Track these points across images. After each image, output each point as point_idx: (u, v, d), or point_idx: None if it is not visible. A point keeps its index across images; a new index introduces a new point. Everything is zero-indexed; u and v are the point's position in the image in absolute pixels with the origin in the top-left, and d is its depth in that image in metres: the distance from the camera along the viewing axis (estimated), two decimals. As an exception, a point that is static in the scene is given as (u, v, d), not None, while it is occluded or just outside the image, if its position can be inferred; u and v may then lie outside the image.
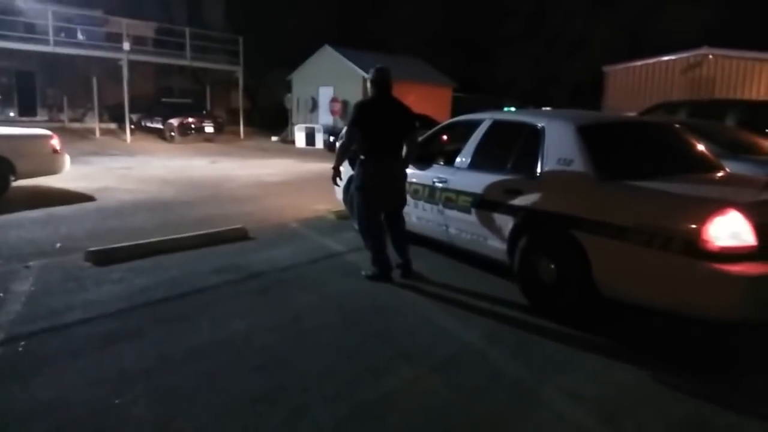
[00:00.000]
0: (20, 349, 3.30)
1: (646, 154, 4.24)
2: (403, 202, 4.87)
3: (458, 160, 5.00)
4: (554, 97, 27.57)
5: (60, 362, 3.15)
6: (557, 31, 31.60)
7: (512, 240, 4.25)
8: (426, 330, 3.76)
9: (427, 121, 17.17)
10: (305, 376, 3.09)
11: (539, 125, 4.31)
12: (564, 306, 3.86)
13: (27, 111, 22.97)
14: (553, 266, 3.92)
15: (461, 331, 3.73)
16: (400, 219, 4.85)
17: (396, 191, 4.78)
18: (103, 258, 5.06)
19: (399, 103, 4.68)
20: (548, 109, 4.85)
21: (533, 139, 4.27)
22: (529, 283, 4.13)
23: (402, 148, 4.69)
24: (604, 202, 3.66)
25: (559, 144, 4.08)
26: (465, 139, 5.07)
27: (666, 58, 17.16)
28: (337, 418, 2.69)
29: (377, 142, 4.55)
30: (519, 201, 4.18)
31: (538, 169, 4.13)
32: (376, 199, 4.69)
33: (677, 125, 4.97)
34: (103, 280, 4.57)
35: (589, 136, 4.00)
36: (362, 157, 4.60)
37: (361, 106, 4.60)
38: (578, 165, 3.88)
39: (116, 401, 2.76)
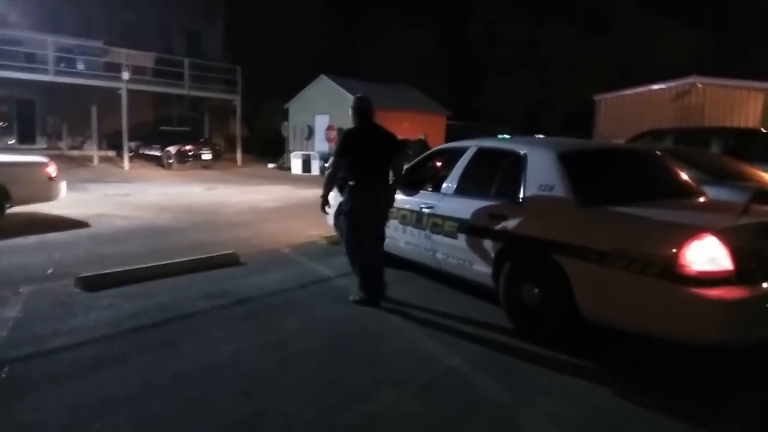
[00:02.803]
0: (4, 375, 3.31)
1: (626, 181, 4.32)
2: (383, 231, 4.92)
3: (445, 186, 5.08)
4: (546, 124, 27.89)
5: (43, 388, 3.16)
6: (549, 59, 32.10)
7: (497, 265, 4.30)
8: (411, 354, 3.78)
9: (425, 145, 17.41)
10: (288, 401, 3.10)
11: (521, 152, 4.40)
12: (548, 330, 3.90)
13: (26, 138, 23.18)
14: (536, 290, 3.97)
15: (446, 356, 3.75)
16: (381, 245, 4.90)
17: (382, 217, 4.85)
18: (93, 284, 5.08)
19: (382, 129, 4.78)
20: (541, 136, 4.98)
21: (516, 165, 4.35)
22: (514, 307, 4.16)
23: (388, 173, 4.78)
24: (584, 227, 3.73)
25: (541, 170, 4.16)
26: (451, 165, 5.16)
27: (656, 86, 17.46)
28: (316, 442, 2.70)
29: (365, 168, 4.63)
30: (503, 226, 4.24)
31: (521, 195, 4.20)
32: (365, 225, 4.75)
33: (659, 152, 5.07)
34: (92, 306, 4.59)
35: (570, 163, 4.09)
36: (351, 183, 4.68)
37: (347, 135, 4.69)
38: (559, 191, 3.96)
39: (97, 427, 2.76)
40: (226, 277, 5.62)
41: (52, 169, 8.61)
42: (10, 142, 22.36)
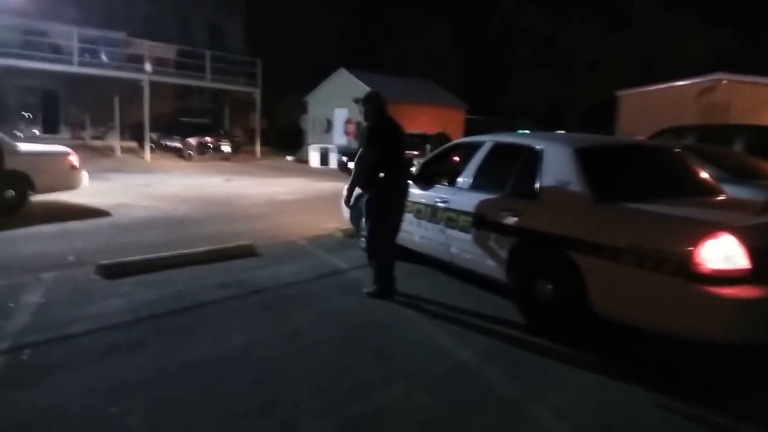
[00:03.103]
0: (24, 357, 3.40)
1: (643, 177, 4.28)
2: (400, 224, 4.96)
3: (460, 180, 5.07)
4: (566, 120, 27.60)
5: (61, 372, 3.25)
6: (570, 54, 31.73)
7: (510, 260, 4.30)
8: (422, 347, 3.80)
9: (444, 138, 17.38)
10: (299, 390, 3.14)
11: (538, 147, 4.37)
12: (560, 325, 3.89)
13: (50, 129, 23.58)
14: (549, 286, 3.96)
15: (457, 348, 3.76)
16: (395, 238, 4.94)
17: (401, 209, 4.89)
18: (113, 272, 5.19)
19: (398, 123, 4.84)
20: (561, 132, 4.95)
21: (532, 161, 4.33)
22: (527, 302, 4.16)
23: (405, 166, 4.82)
24: (599, 223, 3.70)
25: (557, 166, 4.14)
26: (467, 160, 5.15)
27: (679, 83, 17.15)
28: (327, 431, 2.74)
29: (392, 161, 4.68)
30: (517, 222, 4.23)
31: (537, 191, 4.19)
32: (390, 218, 4.79)
33: (678, 149, 5.00)
34: (111, 294, 4.69)
35: (587, 159, 4.06)
36: (382, 175, 4.66)
37: (376, 127, 4.69)
38: (575, 187, 3.94)
39: (113, 410, 2.83)
40: (242, 268, 5.69)
41: (74, 159, 8.78)
42: (34, 132, 22.77)
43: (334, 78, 25.82)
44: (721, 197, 4.28)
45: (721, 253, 3.13)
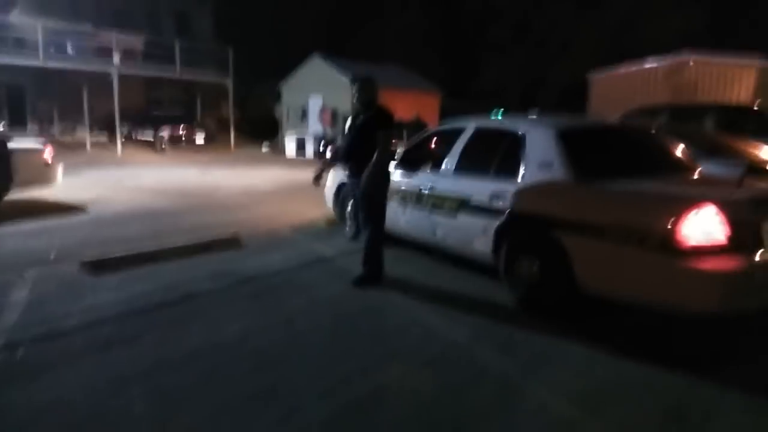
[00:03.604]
0: (19, 355, 3.39)
1: (623, 157, 4.40)
2: None
3: (443, 166, 5.14)
4: (541, 101, 27.85)
5: (58, 367, 3.24)
6: (543, 36, 31.97)
7: (497, 241, 4.40)
8: (414, 330, 3.88)
9: (420, 124, 17.40)
10: (297, 376, 3.20)
11: (520, 132, 4.46)
12: (548, 304, 4.01)
13: (17, 124, 22.92)
14: (536, 265, 4.07)
15: (449, 330, 3.85)
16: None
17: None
18: (98, 266, 5.15)
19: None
20: (533, 114, 5.04)
21: (515, 144, 4.42)
22: (515, 282, 4.27)
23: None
24: (582, 202, 3.82)
25: (540, 148, 4.24)
26: (450, 145, 5.22)
27: (648, 65, 17.45)
28: (328, 414, 2.80)
29: (389, 149, 4.71)
30: (502, 204, 4.32)
31: (520, 173, 4.28)
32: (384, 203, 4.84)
33: (654, 129, 5.14)
34: (99, 288, 4.66)
35: (568, 141, 4.16)
36: (389, 162, 4.76)
37: (387, 115, 4.68)
38: (557, 168, 4.04)
39: (114, 403, 2.85)
40: (228, 259, 5.70)
41: (48, 154, 8.60)
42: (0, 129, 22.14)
43: (307, 65, 25.58)
44: (699, 174, 4.43)
45: (702, 227, 3.26)
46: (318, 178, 5.16)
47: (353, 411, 2.83)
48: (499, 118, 5.66)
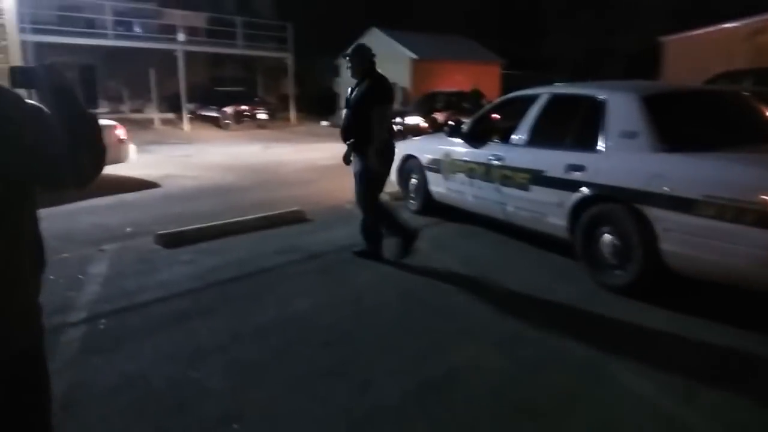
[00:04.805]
0: (101, 326, 3.51)
1: (714, 125, 4.07)
2: None
3: (514, 136, 4.93)
4: (607, 70, 26.53)
5: (138, 339, 3.34)
6: (610, 1, 30.29)
7: (574, 216, 4.18)
8: (485, 308, 3.76)
9: (479, 96, 16.97)
10: (369, 352, 3.17)
11: (601, 97, 4.19)
12: (629, 282, 3.79)
13: (90, 103, 23.99)
14: (618, 242, 3.84)
15: (521, 309, 3.71)
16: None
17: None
18: (172, 240, 5.29)
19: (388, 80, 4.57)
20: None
21: (594, 112, 4.16)
22: (593, 259, 4.06)
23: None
24: (671, 174, 3.54)
25: (622, 116, 3.96)
26: (521, 115, 4.99)
27: (728, 25, 16.23)
28: (402, 391, 2.75)
29: (386, 123, 4.52)
30: (580, 176, 4.09)
31: (601, 143, 4.03)
32: (382, 184, 4.70)
33: (746, 93, 4.73)
34: (174, 262, 4.79)
35: (654, 107, 3.87)
36: (380, 140, 4.40)
37: (377, 85, 4.40)
38: (643, 137, 3.77)
39: (193, 375, 2.91)
40: (295, 234, 5.73)
41: (120, 132, 8.90)
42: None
43: (365, 39, 25.21)
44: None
45: (809, 200, 2.96)
46: (347, 157, 4.87)
47: (427, 389, 2.77)
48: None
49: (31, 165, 1.25)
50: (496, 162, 4.99)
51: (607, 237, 3.91)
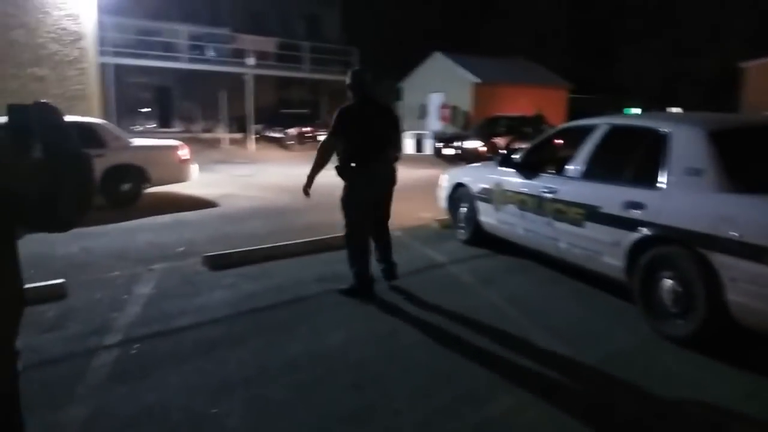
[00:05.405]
0: (133, 351, 3.51)
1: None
2: (389, 210, 4.71)
3: (570, 168, 4.65)
4: (683, 96, 25.32)
5: (167, 367, 3.30)
6: (687, 24, 29.04)
7: (631, 257, 3.86)
8: (529, 353, 3.49)
9: (540, 121, 16.52)
10: (398, 396, 2.98)
11: (664, 131, 3.88)
12: (690, 332, 3.43)
13: (165, 123, 25.24)
14: (678, 288, 3.50)
15: (570, 355, 3.43)
16: (387, 228, 4.74)
17: (387, 197, 4.65)
18: (218, 263, 5.32)
19: (379, 104, 4.59)
20: (677, 110, 4.39)
21: (657, 146, 3.84)
22: (651, 305, 3.72)
23: (387, 151, 4.53)
24: (740, 218, 3.19)
25: (688, 151, 3.64)
26: (577, 146, 4.72)
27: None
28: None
29: (363, 147, 4.39)
30: (640, 215, 3.78)
31: (662, 180, 3.71)
32: (366, 209, 4.53)
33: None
34: (216, 285, 4.79)
35: (722, 143, 3.53)
36: (352, 164, 4.42)
37: (341, 113, 4.45)
38: (709, 175, 3.44)
39: (213, 411, 2.82)
40: (338, 260, 5.60)
41: (184, 152, 9.20)
42: (150, 126, 24.46)
43: (429, 63, 25.44)
44: None
45: None
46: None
47: (456, 445, 2.56)
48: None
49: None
50: (549, 195, 4.73)
51: (667, 282, 3.57)
